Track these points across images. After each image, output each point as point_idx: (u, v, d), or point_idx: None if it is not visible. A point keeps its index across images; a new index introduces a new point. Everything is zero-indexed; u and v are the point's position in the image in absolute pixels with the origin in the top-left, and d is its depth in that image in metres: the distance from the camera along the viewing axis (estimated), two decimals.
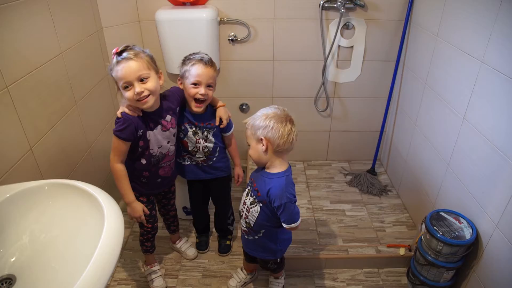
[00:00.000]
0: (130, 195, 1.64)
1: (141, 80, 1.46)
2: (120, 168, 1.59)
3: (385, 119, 2.65)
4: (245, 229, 1.69)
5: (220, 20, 2.39)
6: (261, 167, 1.58)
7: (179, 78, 1.75)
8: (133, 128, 1.53)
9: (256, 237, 1.67)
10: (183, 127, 1.80)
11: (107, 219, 1.06)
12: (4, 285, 1.04)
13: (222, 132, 1.88)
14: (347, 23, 2.42)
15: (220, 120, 1.81)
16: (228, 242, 2.21)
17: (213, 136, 1.85)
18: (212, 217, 2.28)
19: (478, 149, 1.67)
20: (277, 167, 1.53)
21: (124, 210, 1.92)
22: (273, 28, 2.45)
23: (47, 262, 1.12)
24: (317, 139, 2.91)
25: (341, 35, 2.46)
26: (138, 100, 1.48)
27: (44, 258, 1.12)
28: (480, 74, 1.63)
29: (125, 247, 2.24)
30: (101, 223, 1.05)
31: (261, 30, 2.46)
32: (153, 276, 2.00)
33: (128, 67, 1.43)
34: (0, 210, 1.12)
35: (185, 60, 1.72)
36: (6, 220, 1.13)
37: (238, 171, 2.00)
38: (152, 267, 2.03)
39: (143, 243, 1.96)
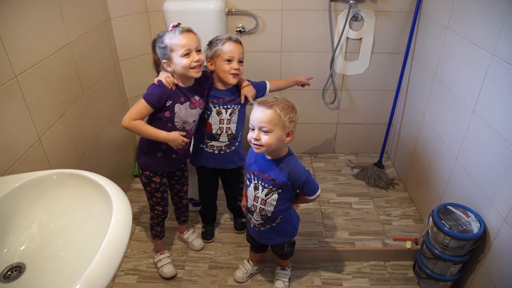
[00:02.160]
0: (160, 132, 1.65)
1: (198, 51, 1.62)
2: (138, 122, 1.60)
3: (393, 112, 2.63)
4: (261, 221, 1.68)
5: (228, 11, 2.38)
6: (257, 156, 1.59)
7: (208, 59, 1.81)
8: (164, 96, 1.61)
9: (274, 224, 1.68)
10: (207, 106, 1.83)
11: (115, 209, 1.07)
12: (14, 273, 1.06)
13: (259, 97, 1.92)
14: (356, 15, 2.40)
15: (246, 98, 1.86)
16: (244, 220, 2.25)
17: (238, 116, 1.87)
18: (220, 209, 2.30)
19: (487, 142, 1.65)
20: (282, 151, 1.55)
21: (132, 201, 1.92)
22: (281, 19, 2.43)
23: (56, 251, 1.13)
24: (324, 131, 2.90)
25: (350, 27, 2.44)
26: (193, 68, 1.60)
27: (53, 247, 1.14)
28: (490, 67, 1.61)
29: (132, 237, 2.26)
30: (109, 213, 1.06)
31: (269, 22, 2.45)
32: (163, 263, 2.02)
33: (192, 37, 1.60)
34: (9, 199, 1.13)
35: (213, 42, 1.80)
36: (15, 209, 1.14)
37: None
38: (161, 254, 2.05)
39: (153, 227, 1.98)
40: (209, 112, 1.84)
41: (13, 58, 1.37)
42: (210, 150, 1.92)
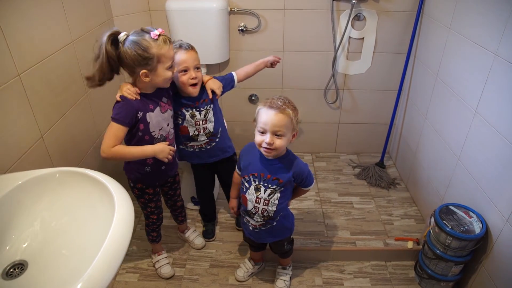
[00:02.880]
0: (146, 148, 1.55)
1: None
2: (118, 147, 1.48)
3: (395, 112, 2.63)
4: (262, 222, 1.67)
5: (231, 10, 2.38)
6: (255, 157, 1.59)
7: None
8: (133, 111, 1.50)
9: (274, 223, 1.68)
10: (179, 112, 1.79)
11: (117, 207, 1.07)
12: (17, 270, 1.06)
13: (228, 89, 1.91)
14: (358, 14, 2.40)
15: (213, 92, 1.81)
16: None
17: (214, 114, 1.84)
18: (220, 208, 2.30)
19: (489, 143, 1.65)
20: (284, 150, 1.56)
21: (133, 200, 1.94)
22: (283, 18, 2.43)
23: (58, 249, 1.13)
24: (326, 131, 2.90)
25: (352, 26, 2.44)
26: (170, 79, 1.55)
27: (55, 245, 1.14)
28: (493, 67, 1.61)
29: (133, 235, 2.26)
30: (111, 211, 1.06)
31: (271, 21, 2.45)
32: (161, 263, 2.03)
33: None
34: (12, 197, 1.13)
35: None
36: (18, 206, 1.15)
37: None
38: (159, 255, 2.05)
39: (149, 233, 1.98)
40: (182, 117, 1.80)
41: (16, 56, 1.37)
42: (191, 150, 1.91)
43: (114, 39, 1.44)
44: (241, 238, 2.22)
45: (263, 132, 1.46)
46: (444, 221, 1.73)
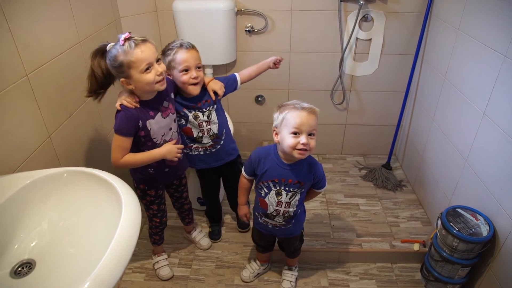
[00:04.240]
0: (154, 153, 1.55)
1: (157, 60, 1.45)
2: (127, 157, 1.50)
3: (402, 114, 2.62)
4: (283, 222, 1.68)
5: (238, 10, 2.38)
6: (271, 163, 1.58)
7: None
8: (133, 119, 1.48)
9: (294, 220, 1.69)
10: (182, 113, 1.77)
11: (124, 207, 1.07)
12: (24, 269, 1.07)
13: (231, 91, 1.88)
14: (365, 15, 2.39)
15: (215, 93, 1.79)
16: None
17: (217, 115, 1.82)
18: (226, 208, 2.31)
19: (497, 145, 1.64)
20: None
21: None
22: (290, 19, 2.43)
23: (65, 248, 1.14)
24: (332, 132, 2.89)
25: (360, 27, 2.43)
26: (157, 82, 1.45)
27: (63, 244, 1.14)
28: (502, 68, 1.60)
29: (140, 236, 2.26)
30: (119, 211, 1.06)
31: (278, 21, 2.45)
32: (160, 265, 2.03)
33: (149, 48, 1.41)
34: (20, 196, 1.14)
35: (165, 51, 1.70)
36: (26, 205, 1.15)
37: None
38: (159, 256, 2.06)
39: (152, 235, 1.99)
40: (185, 118, 1.78)
41: (24, 56, 1.38)
42: (195, 153, 1.89)
43: (103, 52, 1.43)
44: (248, 239, 2.22)
45: (296, 134, 1.44)
46: (451, 224, 1.72)
